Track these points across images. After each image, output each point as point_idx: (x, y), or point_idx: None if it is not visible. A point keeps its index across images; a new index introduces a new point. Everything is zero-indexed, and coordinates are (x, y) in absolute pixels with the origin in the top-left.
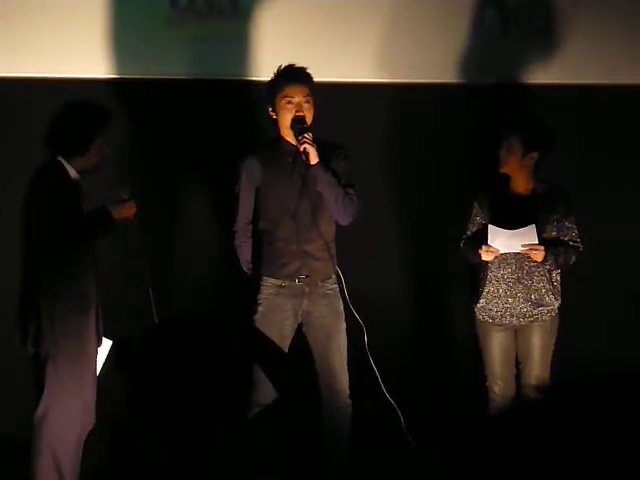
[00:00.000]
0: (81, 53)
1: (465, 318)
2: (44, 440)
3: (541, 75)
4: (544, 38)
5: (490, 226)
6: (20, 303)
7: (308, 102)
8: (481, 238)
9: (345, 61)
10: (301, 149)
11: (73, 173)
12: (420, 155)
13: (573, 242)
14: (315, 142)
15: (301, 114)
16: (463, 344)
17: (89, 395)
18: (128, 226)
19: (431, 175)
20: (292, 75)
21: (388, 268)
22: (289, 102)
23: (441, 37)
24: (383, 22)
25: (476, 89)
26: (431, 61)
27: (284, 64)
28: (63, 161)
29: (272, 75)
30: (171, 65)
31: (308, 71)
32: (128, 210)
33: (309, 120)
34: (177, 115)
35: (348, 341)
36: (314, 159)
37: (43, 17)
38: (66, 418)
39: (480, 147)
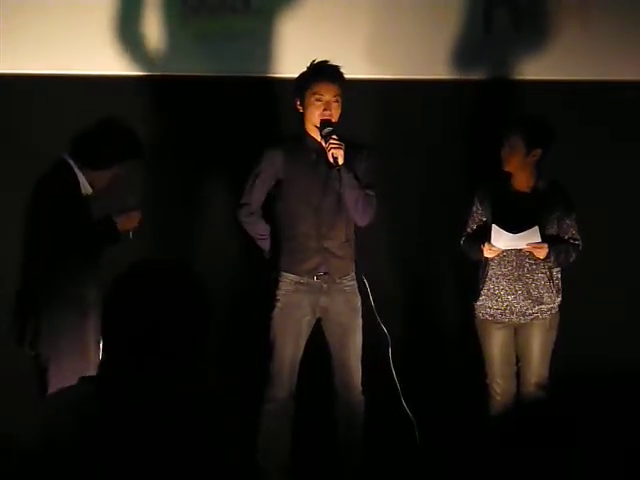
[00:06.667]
0: (92, 50)
1: (464, 316)
2: None
3: (547, 71)
4: (553, 35)
5: (494, 226)
6: (17, 304)
7: (337, 101)
8: (482, 235)
9: (356, 58)
10: (329, 154)
11: (83, 181)
12: (418, 152)
13: (573, 240)
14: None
15: (328, 117)
16: (463, 342)
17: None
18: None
19: (437, 172)
20: (324, 72)
21: (382, 268)
22: (318, 99)
23: (447, 34)
24: (399, 21)
25: (477, 85)
26: (438, 57)
27: (317, 59)
28: (75, 168)
29: (303, 69)
30: (181, 62)
31: (341, 69)
32: (132, 221)
33: (336, 118)
34: (188, 112)
35: (369, 346)
36: (341, 161)
37: (53, 13)
38: None
39: (482, 144)
